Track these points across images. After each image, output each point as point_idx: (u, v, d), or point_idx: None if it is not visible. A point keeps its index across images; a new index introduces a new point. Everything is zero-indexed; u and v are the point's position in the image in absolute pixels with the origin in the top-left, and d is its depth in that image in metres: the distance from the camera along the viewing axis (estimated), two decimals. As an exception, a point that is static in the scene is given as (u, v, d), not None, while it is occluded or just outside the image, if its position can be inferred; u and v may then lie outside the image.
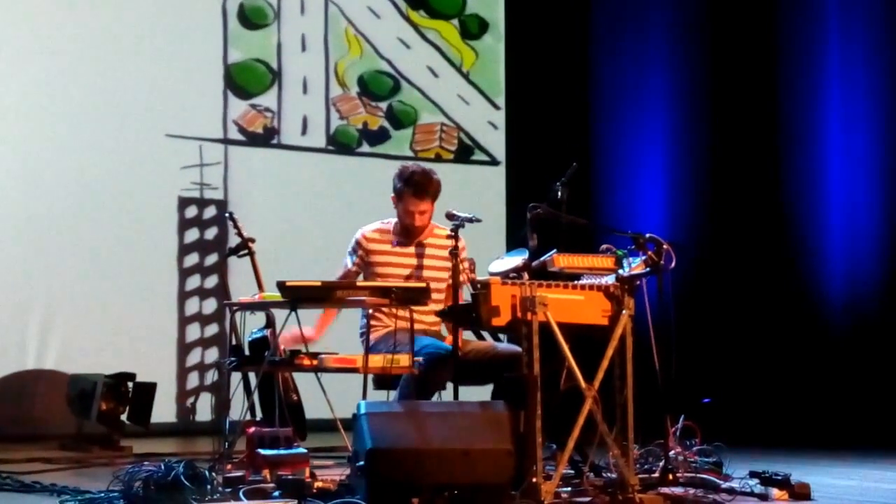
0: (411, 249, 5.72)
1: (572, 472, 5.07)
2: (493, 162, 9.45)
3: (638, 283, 5.05)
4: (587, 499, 4.84)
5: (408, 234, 5.72)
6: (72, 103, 8.03)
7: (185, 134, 8.41)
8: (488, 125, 9.44)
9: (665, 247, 5.04)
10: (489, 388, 5.55)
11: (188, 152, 8.42)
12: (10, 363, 7.74)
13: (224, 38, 8.63)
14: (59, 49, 8.02)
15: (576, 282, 5.08)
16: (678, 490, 5.00)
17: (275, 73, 8.79)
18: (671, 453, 5.11)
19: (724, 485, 5.08)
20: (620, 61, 9.51)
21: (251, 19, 8.75)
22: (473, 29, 9.51)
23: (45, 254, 7.87)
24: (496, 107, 9.48)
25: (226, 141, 8.60)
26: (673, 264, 5.03)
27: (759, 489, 5.02)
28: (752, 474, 5.14)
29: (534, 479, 4.70)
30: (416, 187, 5.63)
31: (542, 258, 5.01)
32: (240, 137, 8.66)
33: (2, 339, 7.71)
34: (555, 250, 5.04)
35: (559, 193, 5.31)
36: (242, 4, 8.70)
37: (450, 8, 9.44)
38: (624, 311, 4.95)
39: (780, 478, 5.06)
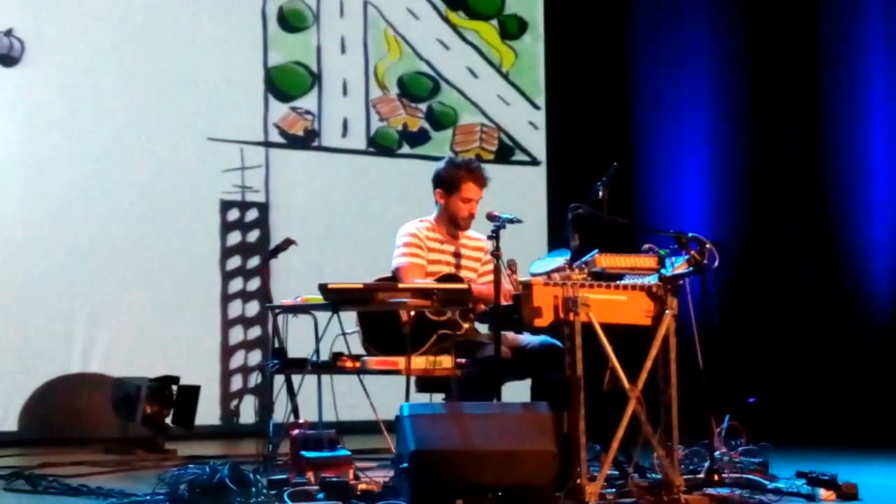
0: (452, 248, 5.71)
1: (616, 473, 5.04)
2: (534, 162, 9.43)
3: (681, 282, 5.02)
4: (632, 500, 4.82)
5: (454, 228, 5.68)
6: (114, 109, 8.08)
7: (226, 137, 8.45)
8: (528, 125, 9.42)
9: (708, 246, 5.01)
10: (520, 384, 5.53)
11: (230, 156, 8.46)
12: (56, 367, 7.79)
13: (264, 41, 8.66)
14: (100, 55, 8.07)
15: (618, 282, 5.05)
16: (724, 491, 4.97)
17: (315, 76, 8.81)
18: (716, 453, 5.08)
19: (771, 485, 5.05)
20: (660, 59, 9.46)
21: (291, 22, 8.77)
22: (513, 29, 9.49)
23: (89, 258, 7.93)
24: (536, 107, 9.46)
25: (267, 144, 8.62)
26: (716, 263, 5.00)
27: (805, 489, 4.97)
28: (799, 474, 5.10)
29: (578, 481, 4.68)
30: (477, 173, 5.62)
31: (583, 258, 4.99)
32: (280, 140, 8.68)
33: (47, 343, 7.77)
34: (597, 250, 5.01)
35: (600, 193, 5.29)
36: (282, 8, 8.73)
37: (489, 8, 9.43)
38: (667, 311, 4.93)
39: (827, 478, 5.02)
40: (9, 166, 7.78)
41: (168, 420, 7.20)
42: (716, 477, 4.98)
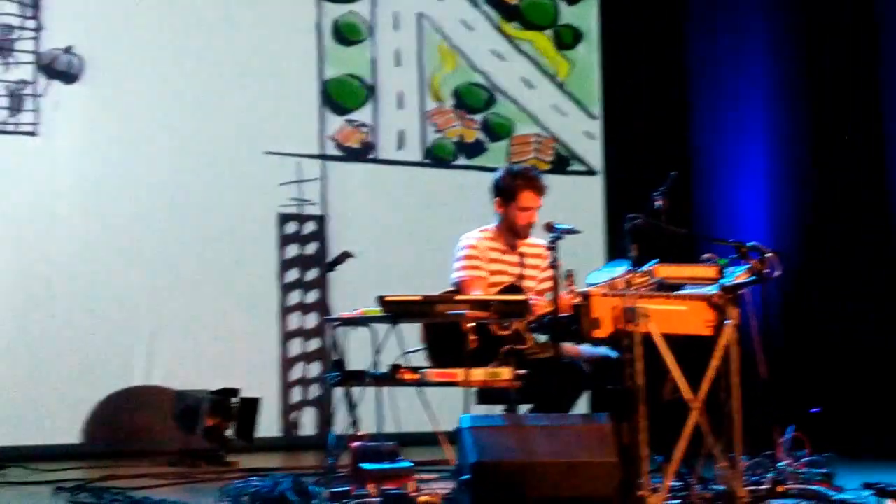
0: (514, 257, 5.69)
1: (679, 484, 5.00)
2: (591, 172, 9.40)
3: (742, 292, 4.98)
4: (695, 512, 4.78)
5: (514, 237, 5.67)
6: (172, 124, 8.16)
7: (283, 151, 8.50)
8: (584, 135, 9.40)
9: (769, 255, 4.97)
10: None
11: (287, 169, 8.51)
12: (118, 380, 7.87)
13: (319, 54, 8.71)
14: (157, 71, 8.15)
15: (678, 292, 5.02)
16: (788, 502, 4.91)
17: (370, 89, 8.85)
18: (780, 464, 5.03)
19: (836, 496, 4.99)
20: (718, 67, 9.38)
21: (345, 36, 8.82)
22: (567, 39, 9.47)
23: (150, 272, 8.00)
24: (592, 116, 9.43)
25: (323, 157, 8.66)
26: (779, 272, 4.95)
27: (873, 501, 4.91)
28: (866, 486, 5.03)
29: (640, 492, 4.65)
30: (534, 182, 5.61)
31: (642, 269, 4.96)
32: (337, 153, 8.72)
33: (109, 357, 7.84)
34: (656, 261, 4.99)
35: (658, 203, 5.26)
36: (336, 21, 8.78)
37: (543, 19, 9.42)
38: (728, 321, 4.89)
39: (895, 489, 4.95)
40: (69, 182, 7.87)
41: (229, 432, 7.24)
42: (780, 488, 4.93)
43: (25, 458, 7.03)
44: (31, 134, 7.83)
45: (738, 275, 4.95)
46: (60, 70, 7.95)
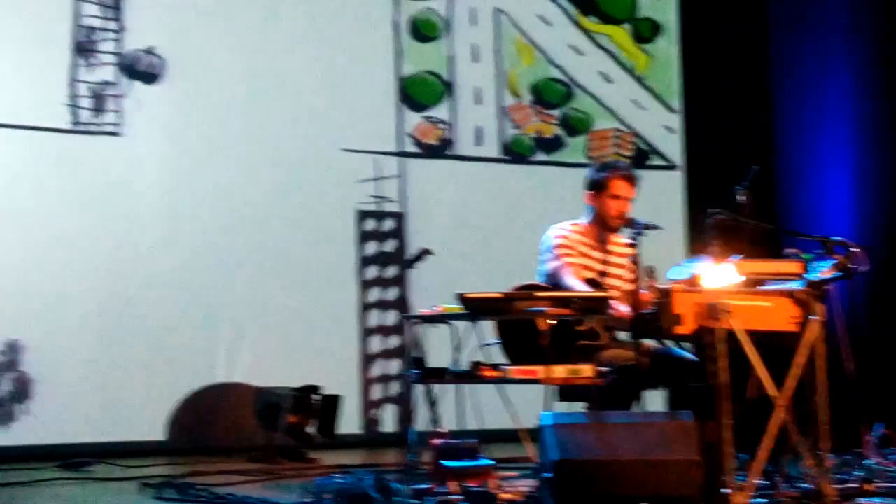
0: (599, 254, 5.65)
1: (765, 482, 4.94)
2: (671, 166, 9.32)
3: (827, 287, 4.90)
4: (781, 510, 4.72)
5: (605, 230, 5.63)
6: (251, 122, 8.22)
7: (360, 148, 8.53)
8: (664, 129, 9.32)
9: (855, 250, 4.88)
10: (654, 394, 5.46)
11: (365, 166, 8.53)
12: (200, 377, 7.95)
13: (396, 51, 8.72)
14: (236, 70, 8.22)
15: (761, 288, 4.96)
16: (877, 501, 4.84)
17: (447, 85, 8.84)
18: (868, 462, 4.95)
19: (925, 495, 4.90)
20: (800, 58, 9.25)
21: (422, 32, 8.82)
22: (646, 32, 9.40)
23: (229, 270, 8.07)
24: (672, 110, 9.35)
25: (401, 154, 8.68)
26: (865, 268, 4.87)
27: (962, 499, 4.82)
28: (956, 484, 4.94)
29: (724, 491, 4.60)
30: (626, 171, 5.58)
31: (724, 264, 4.90)
32: (415, 149, 8.73)
33: (191, 354, 7.93)
34: (738, 256, 4.93)
35: (741, 197, 5.20)
36: (413, 18, 8.78)
37: (621, 12, 9.35)
38: (814, 317, 4.81)
39: (985, 487, 4.85)
40: (151, 181, 7.97)
41: (310, 429, 7.29)
42: (868, 486, 4.85)
43: (110, 454, 7.12)
44: (114, 134, 7.93)
45: (823, 270, 4.88)
46: (142, 70, 8.05)
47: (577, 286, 5.39)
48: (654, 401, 5.56)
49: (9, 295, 7.49)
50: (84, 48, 7.88)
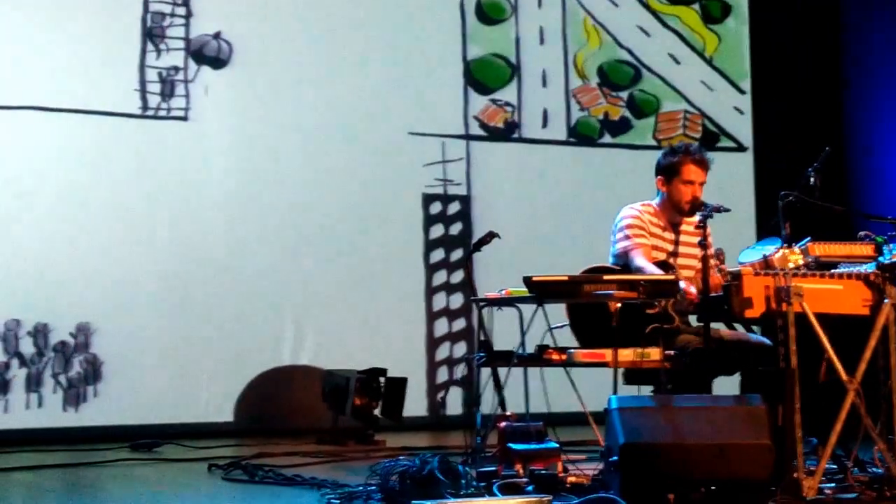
0: (671, 235, 5.60)
1: (835, 467, 4.88)
2: (741, 148, 9.22)
3: (901, 270, 4.81)
4: (852, 495, 4.65)
5: (676, 214, 5.58)
6: (317, 106, 8.25)
7: (427, 131, 8.52)
8: (734, 111, 9.22)
9: (929, 232, 4.80)
10: (731, 378, 5.39)
11: (431, 149, 8.53)
12: (268, 360, 8.00)
13: (463, 34, 8.70)
14: (303, 54, 8.25)
15: (833, 270, 4.89)
16: (949, 486, 4.75)
17: (514, 67, 8.81)
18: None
19: None
20: (873, 38, 9.09)
21: (489, 15, 8.79)
22: (716, 13, 9.29)
23: (297, 254, 8.12)
24: (741, 91, 9.24)
25: (468, 137, 8.66)
26: (939, 250, 4.78)
27: None
28: None
29: (795, 475, 4.54)
30: (697, 155, 5.53)
31: (796, 247, 4.84)
32: (481, 133, 8.71)
33: (259, 337, 7.99)
34: (809, 238, 4.86)
35: (812, 179, 5.13)
36: (480, 1, 8.75)
37: (691, -8, 9.27)
38: (886, 300, 4.73)
39: None
40: (219, 165, 8.02)
41: (377, 412, 7.31)
42: (940, 472, 4.76)
43: (180, 435, 7.21)
44: (183, 119, 7.99)
45: (896, 253, 4.79)
46: (210, 55, 8.10)
47: (648, 268, 5.35)
48: (727, 386, 5.50)
49: (80, 278, 7.59)
50: (154, 34, 7.94)
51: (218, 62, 8.10)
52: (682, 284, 5.18)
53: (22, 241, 7.50)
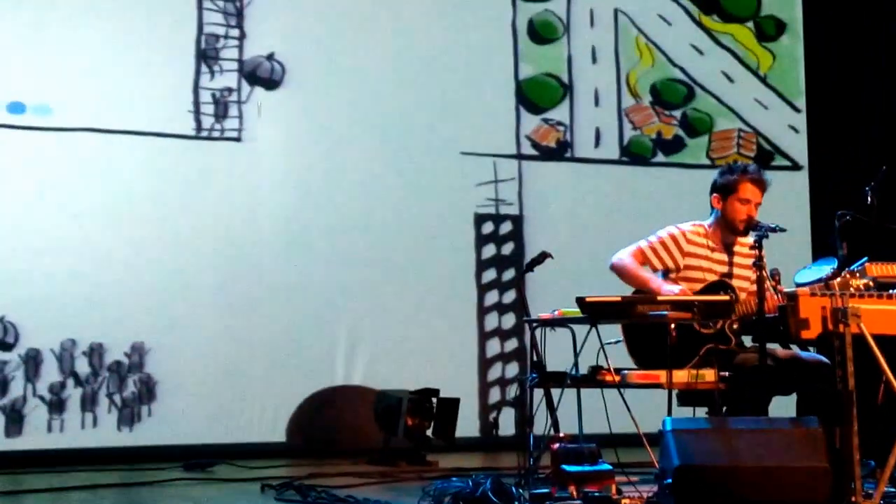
0: (723, 256, 5.56)
1: (893, 490, 4.80)
2: (796, 167, 9.14)
3: (961, 290, 4.74)
4: (911, 520, 4.58)
5: (730, 233, 5.54)
6: (370, 126, 8.27)
7: (479, 151, 8.52)
8: (789, 129, 9.15)
9: None
10: (789, 399, 5.33)
11: (483, 169, 8.53)
12: (320, 380, 8.01)
13: (514, 54, 8.70)
14: (355, 74, 8.28)
15: (891, 291, 4.82)
16: None
17: (566, 87, 8.79)
18: None
19: None
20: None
21: (541, 34, 8.79)
22: (770, 31, 9.23)
23: (349, 274, 8.13)
24: (796, 109, 9.17)
25: (519, 156, 8.65)
26: None
27: None
28: None
29: (853, 498, 4.48)
30: (756, 174, 5.50)
31: (852, 267, 4.78)
32: (533, 152, 8.70)
33: (312, 357, 8.00)
34: (866, 259, 4.79)
35: (869, 199, 5.06)
36: (532, 20, 8.75)
37: (744, 10, 9.20)
38: (945, 321, 4.66)
39: None
40: (272, 186, 8.06)
41: (429, 432, 7.29)
42: None
43: (233, 455, 7.22)
44: (236, 139, 8.04)
45: (955, 273, 4.72)
46: (263, 76, 8.15)
47: (631, 268, 5.35)
48: (784, 408, 5.44)
49: (134, 298, 7.64)
50: (207, 56, 8.01)
51: (271, 83, 8.15)
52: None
53: (77, 261, 7.57)
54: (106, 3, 7.79)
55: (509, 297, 8.47)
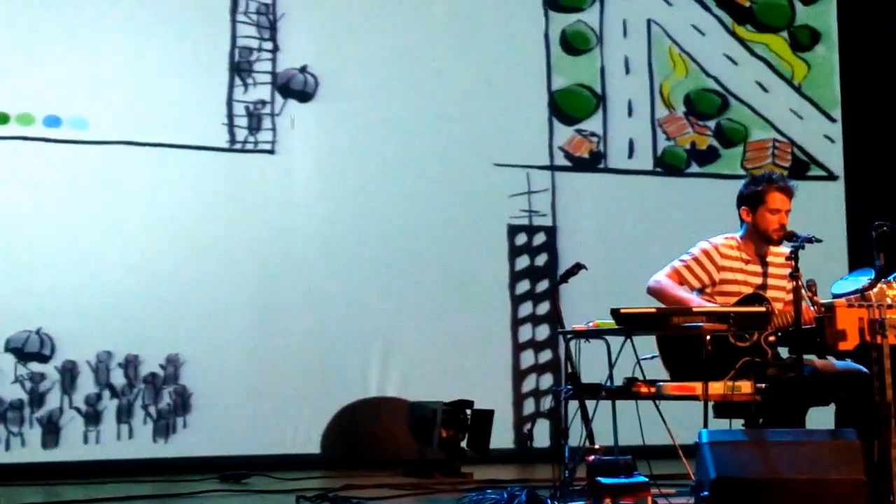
0: (758, 267, 5.53)
1: (933, 504, 4.75)
2: (831, 177, 9.09)
3: None
4: (952, 534, 4.52)
5: (764, 244, 5.51)
6: (403, 137, 8.28)
7: (512, 162, 8.52)
8: (824, 139, 9.09)
9: None
10: (827, 411, 5.29)
11: (516, 180, 8.52)
12: (354, 391, 8.02)
13: (547, 65, 8.69)
14: (388, 87, 8.29)
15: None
16: None
17: (599, 97, 8.78)
18: None
19: None
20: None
21: (574, 45, 8.77)
22: (804, 40, 9.19)
23: (382, 286, 8.13)
24: (832, 119, 9.12)
25: (552, 167, 8.64)
26: None
27: None
28: None
29: (891, 512, 4.44)
30: (781, 182, 5.47)
31: (889, 278, 4.74)
32: (566, 163, 8.68)
33: (346, 369, 8.01)
34: (904, 269, 4.76)
35: (906, 208, 5.03)
36: (565, 31, 8.74)
37: (778, 20, 9.16)
38: (985, 332, 4.62)
39: None
40: (306, 198, 8.08)
41: (463, 444, 7.28)
42: None
43: (268, 466, 7.23)
44: (270, 152, 8.07)
45: None
46: (296, 89, 8.18)
47: (668, 287, 5.31)
48: (821, 420, 5.40)
49: (169, 310, 7.67)
50: (241, 69, 8.04)
51: (304, 95, 8.17)
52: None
53: (112, 274, 7.61)
54: (141, 18, 7.84)
55: (543, 308, 8.45)
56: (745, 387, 5.00)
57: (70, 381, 7.52)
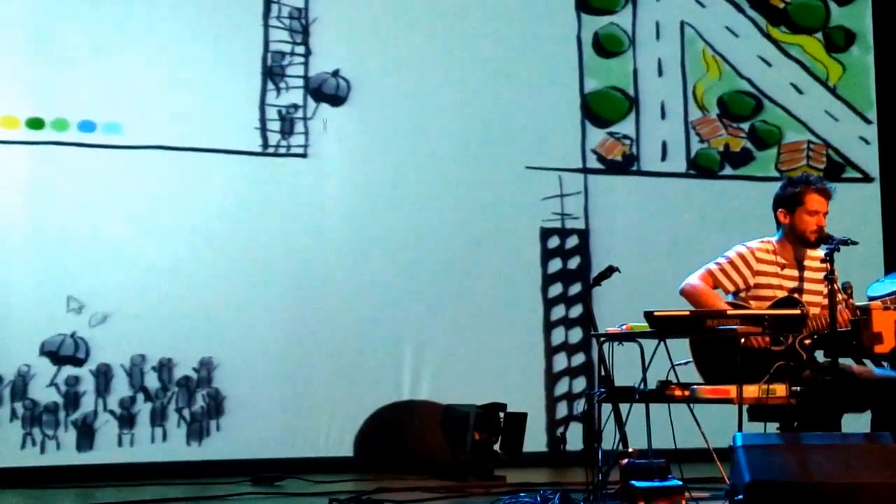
0: (794, 272, 5.49)
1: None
2: (867, 179, 9.02)
3: None
4: None
5: (802, 246, 5.47)
6: (435, 141, 8.29)
7: (544, 165, 8.50)
8: (859, 140, 9.03)
9: None
10: (862, 416, 5.25)
11: (548, 183, 8.50)
12: (387, 394, 8.02)
13: (580, 67, 8.67)
14: (421, 90, 8.30)
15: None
16: None
17: (632, 100, 8.75)
18: None
19: None
20: None
21: (606, 47, 8.75)
22: (839, 41, 9.13)
23: (415, 289, 8.14)
24: (867, 121, 9.06)
25: (585, 170, 8.62)
26: None
27: None
28: None
29: (928, 517, 4.39)
30: (819, 184, 5.44)
31: (927, 280, 4.70)
32: (599, 166, 8.66)
33: (378, 371, 8.01)
34: (941, 271, 4.71)
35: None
36: (597, 33, 8.72)
37: (813, 21, 9.11)
38: None
39: None
40: (338, 201, 8.09)
41: (496, 447, 7.27)
42: None
43: (301, 469, 7.25)
44: (302, 156, 8.09)
45: None
46: (328, 93, 8.19)
47: (702, 290, 5.27)
48: (857, 425, 5.36)
49: (203, 314, 7.71)
50: (274, 73, 8.07)
51: (336, 99, 8.19)
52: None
53: (146, 278, 7.65)
54: (173, 22, 7.88)
55: (576, 311, 8.43)
56: (780, 390, 4.96)
57: (104, 385, 7.57)
